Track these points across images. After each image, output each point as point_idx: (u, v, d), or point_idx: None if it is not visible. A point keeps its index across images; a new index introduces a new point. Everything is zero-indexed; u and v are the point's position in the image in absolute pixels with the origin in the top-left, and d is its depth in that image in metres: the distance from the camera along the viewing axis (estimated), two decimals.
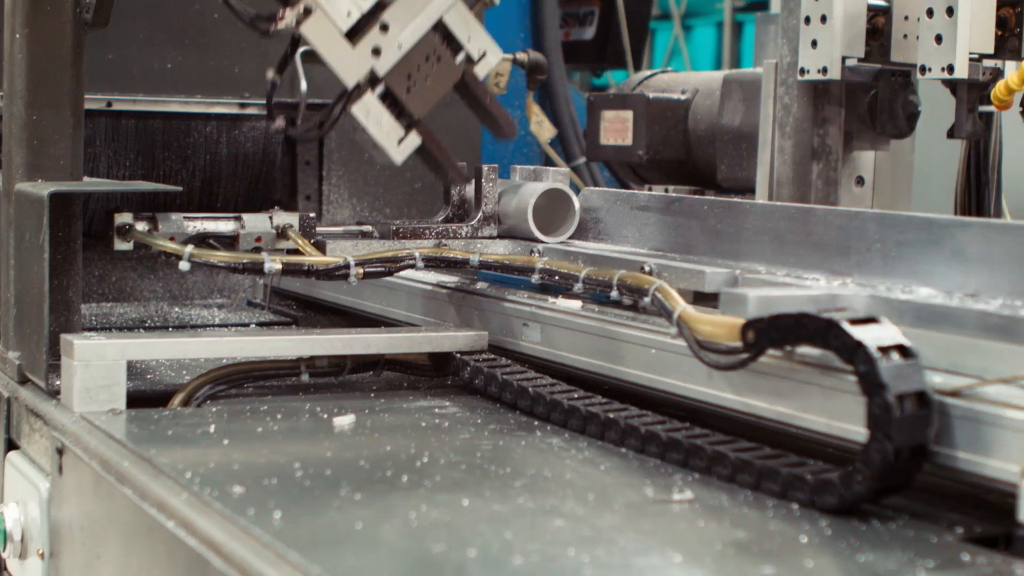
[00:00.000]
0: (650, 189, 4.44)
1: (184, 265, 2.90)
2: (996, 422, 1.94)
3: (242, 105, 4.46)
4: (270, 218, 3.09)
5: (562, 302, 2.90)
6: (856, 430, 2.09)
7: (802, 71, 3.78)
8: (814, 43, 3.74)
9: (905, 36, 3.68)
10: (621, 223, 3.21)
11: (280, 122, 3.09)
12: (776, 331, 2.18)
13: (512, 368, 2.85)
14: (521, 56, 5.27)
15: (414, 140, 3.01)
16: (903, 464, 1.99)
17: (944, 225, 2.42)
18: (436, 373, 3.05)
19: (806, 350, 2.20)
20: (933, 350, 2.15)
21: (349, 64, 2.94)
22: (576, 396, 2.64)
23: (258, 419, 2.64)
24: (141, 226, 2.96)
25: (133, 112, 4.35)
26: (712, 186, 4.44)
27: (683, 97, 4.52)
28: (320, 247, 3.08)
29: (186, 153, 4.40)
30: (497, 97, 5.28)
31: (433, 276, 3.32)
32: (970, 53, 3.40)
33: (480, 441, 2.51)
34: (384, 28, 2.95)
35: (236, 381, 2.94)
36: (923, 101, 3.94)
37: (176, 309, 4.21)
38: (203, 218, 3.03)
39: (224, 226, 3.05)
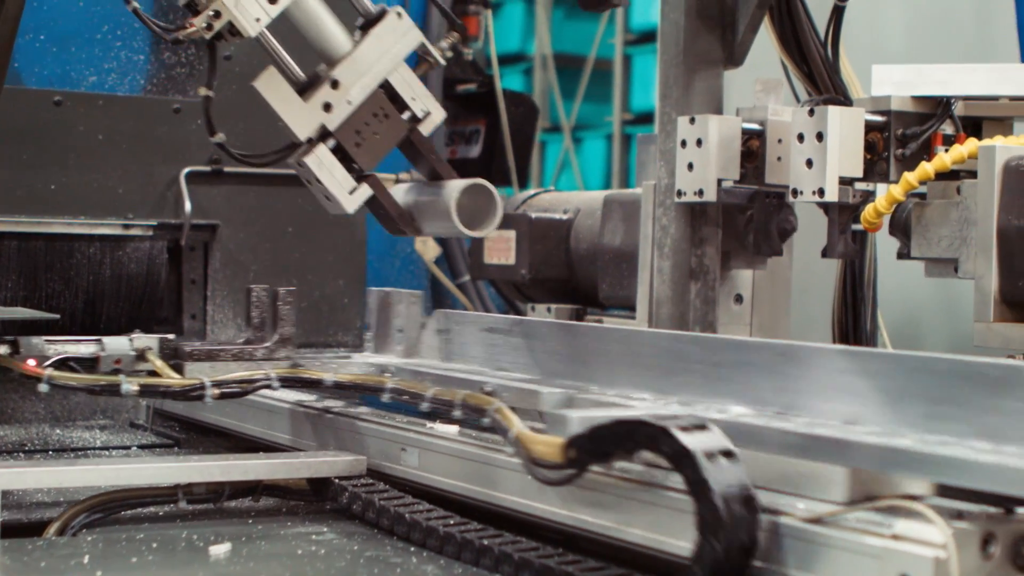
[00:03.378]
0: (533, 308, 4.48)
1: (43, 387, 2.93)
2: (857, 549, 1.98)
3: (126, 226, 4.47)
4: (130, 340, 3.12)
5: (439, 427, 2.92)
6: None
7: (679, 193, 3.85)
8: (690, 166, 3.81)
9: (779, 159, 3.77)
10: (471, 343, 3.35)
11: (221, 136, 3.20)
12: (599, 444, 2.27)
13: (389, 494, 2.86)
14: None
15: (365, 191, 3.15)
16: (733, 563, 2.04)
17: (755, 348, 2.56)
18: (315, 498, 3.05)
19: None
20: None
21: (301, 118, 3.07)
22: (452, 523, 2.66)
23: (133, 548, 2.63)
24: (3, 349, 2.98)
25: (15, 233, 4.35)
26: (595, 304, 4.49)
27: (565, 217, 4.58)
28: (178, 369, 3.10)
29: (69, 274, 4.39)
30: None
31: (314, 399, 3.33)
32: (840, 176, 3.48)
33: (356, 569, 2.51)
34: (335, 85, 3.08)
35: (113, 509, 2.92)
36: (802, 217, 4.03)
37: (58, 431, 4.17)
38: (64, 341, 3.07)
39: (84, 348, 3.10)
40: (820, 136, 3.46)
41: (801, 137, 3.50)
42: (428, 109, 3.27)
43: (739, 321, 4.09)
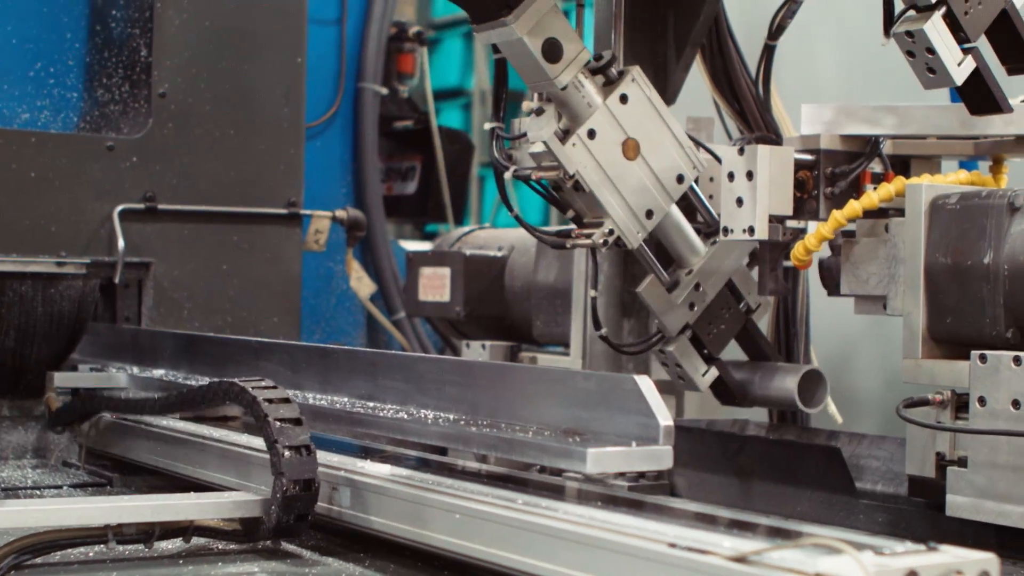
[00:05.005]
0: (468, 345, 4.48)
1: None
2: None
3: (59, 264, 4.45)
4: None
5: (371, 465, 2.92)
6: None
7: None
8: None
9: (711, 197, 3.80)
10: None
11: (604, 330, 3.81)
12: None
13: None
14: (340, 213, 5.33)
15: (713, 373, 3.80)
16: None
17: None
18: (246, 537, 3.03)
19: None
20: None
21: (674, 318, 3.73)
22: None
23: None
24: None
25: None
26: (530, 341, 4.49)
27: (499, 254, 4.59)
28: None
29: (0, 312, 4.36)
30: (314, 254, 5.35)
31: (245, 438, 3.32)
32: (770, 215, 3.50)
33: None
34: (697, 287, 3.72)
35: (42, 550, 2.89)
36: None
37: None
38: None
39: None
40: (750, 175, 3.48)
41: (732, 176, 3.52)
42: (759, 301, 3.86)
43: None
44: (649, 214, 3.47)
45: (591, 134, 3.38)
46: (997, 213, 3.02)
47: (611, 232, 3.44)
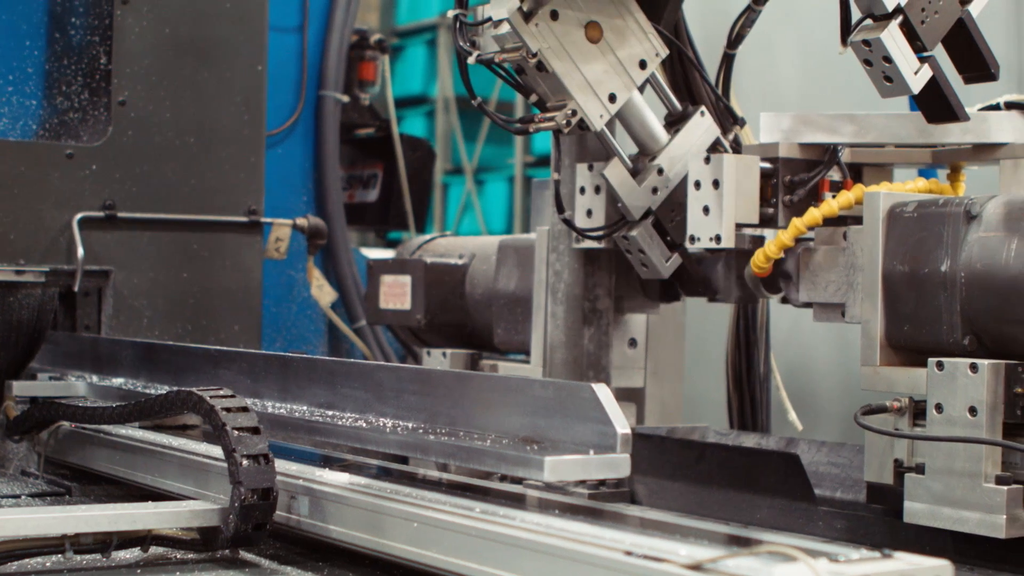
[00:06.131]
0: (429, 353, 4.47)
1: None
2: None
3: (18, 272, 4.42)
4: None
5: (329, 474, 2.91)
6: None
7: (577, 239, 3.88)
8: (589, 212, 3.84)
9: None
10: None
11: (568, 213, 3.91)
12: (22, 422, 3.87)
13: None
14: (301, 221, 5.32)
15: (676, 260, 3.77)
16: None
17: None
18: (204, 547, 3.02)
19: None
20: None
21: (636, 201, 3.73)
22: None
23: None
24: None
25: None
26: (491, 349, 4.49)
27: (460, 262, 4.59)
28: None
29: None
30: (275, 262, 5.34)
31: (204, 447, 3.31)
32: (736, 223, 3.52)
33: None
34: (660, 172, 3.71)
35: None
36: None
37: None
38: None
39: None
40: (716, 183, 3.50)
41: (698, 184, 3.53)
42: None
43: (633, 365, 4.12)
44: (612, 98, 3.49)
45: (554, 15, 3.40)
46: (954, 221, 3.03)
47: (574, 113, 3.45)
